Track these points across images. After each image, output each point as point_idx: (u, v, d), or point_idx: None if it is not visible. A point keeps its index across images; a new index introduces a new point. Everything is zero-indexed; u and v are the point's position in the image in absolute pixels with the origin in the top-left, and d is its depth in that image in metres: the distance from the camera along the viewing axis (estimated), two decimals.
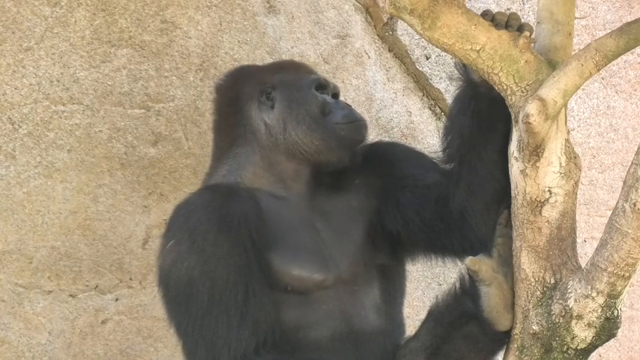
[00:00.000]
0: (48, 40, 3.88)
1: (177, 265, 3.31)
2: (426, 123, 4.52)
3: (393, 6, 3.10)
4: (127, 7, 3.97)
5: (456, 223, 3.40)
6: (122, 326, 3.98)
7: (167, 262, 3.35)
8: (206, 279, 3.27)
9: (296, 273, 3.36)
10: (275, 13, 4.19)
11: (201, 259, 3.28)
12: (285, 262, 3.35)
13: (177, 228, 3.36)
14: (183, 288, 3.30)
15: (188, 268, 3.29)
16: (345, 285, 3.41)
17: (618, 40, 3.08)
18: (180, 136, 4.04)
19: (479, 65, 3.16)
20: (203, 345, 3.27)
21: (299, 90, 3.47)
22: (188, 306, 3.30)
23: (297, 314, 3.34)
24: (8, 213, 3.85)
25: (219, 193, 3.39)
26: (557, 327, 3.19)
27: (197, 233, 3.30)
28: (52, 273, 3.90)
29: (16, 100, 3.85)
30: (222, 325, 3.25)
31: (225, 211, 3.32)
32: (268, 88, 3.48)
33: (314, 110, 3.46)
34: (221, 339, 3.25)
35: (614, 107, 4.75)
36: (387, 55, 4.46)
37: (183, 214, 3.37)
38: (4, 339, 3.86)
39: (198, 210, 3.34)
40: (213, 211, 3.32)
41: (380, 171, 3.52)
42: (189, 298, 3.29)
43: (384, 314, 3.45)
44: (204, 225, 3.30)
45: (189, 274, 3.29)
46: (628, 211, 3.04)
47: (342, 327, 3.37)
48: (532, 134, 3.12)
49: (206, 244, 3.29)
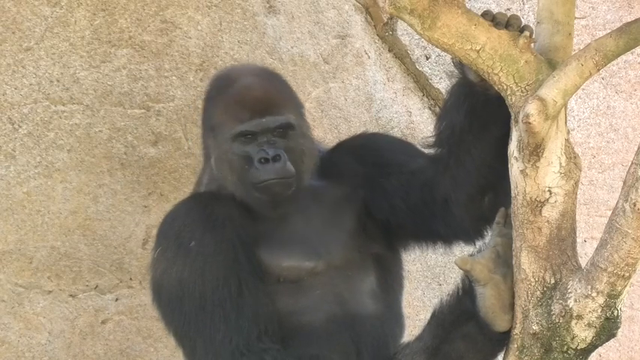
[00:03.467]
0: (48, 40, 3.88)
1: (168, 272, 3.34)
2: (426, 123, 4.52)
3: (393, 6, 3.10)
4: (127, 7, 3.97)
5: (440, 211, 3.42)
6: (122, 326, 3.98)
7: (158, 271, 3.39)
8: (196, 277, 3.30)
9: (286, 264, 3.39)
10: (275, 13, 4.19)
11: (189, 260, 3.31)
12: (275, 255, 3.38)
13: (163, 236, 3.41)
14: (175, 292, 3.33)
15: (177, 271, 3.32)
16: (338, 271, 3.43)
17: (618, 40, 3.08)
18: (180, 136, 4.04)
19: (479, 65, 3.16)
20: (202, 342, 3.28)
21: (223, 143, 3.43)
22: (182, 308, 3.32)
23: (292, 301, 3.37)
24: (8, 213, 3.85)
25: (201, 198, 3.45)
26: (557, 327, 3.19)
27: (182, 236, 3.34)
28: (52, 273, 3.90)
29: (16, 100, 3.85)
30: (220, 319, 3.27)
31: (210, 212, 3.36)
32: (212, 129, 3.48)
33: (234, 166, 3.42)
34: (220, 332, 3.26)
35: (614, 107, 4.75)
36: (387, 55, 4.46)
37: (168, 222, 3.42)
38: (4, 339, 3.86)
39: (182, 215, 3.39)
40: (196, 214, 3.36)
41: (365, 160, 3.52)
42: (182, 300, 3.31)
43: (381, 301, 3.47)
44: (189, 227, 3.35)
45: (179, 277, 3.32)
46: (628, 211, 3.03)
47: (336, 310, 3.39)
48: (532, 134, 3.12)
49: (192, 245, 3.32)
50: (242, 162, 3.40)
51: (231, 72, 3.61)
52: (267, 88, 3.48)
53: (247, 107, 3.41)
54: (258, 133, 3.40)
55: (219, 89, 3.51)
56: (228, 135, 3.41)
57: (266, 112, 3.41)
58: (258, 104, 3.42)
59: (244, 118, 3.40)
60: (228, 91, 3.47)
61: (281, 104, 3.45)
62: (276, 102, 3.44)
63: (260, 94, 3.44)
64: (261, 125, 3.39)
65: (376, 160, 3.52)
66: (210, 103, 3.52)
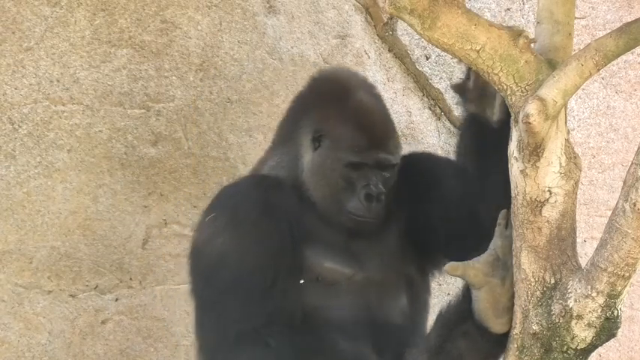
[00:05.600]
0: (48, 40, 3.88)
1: (212, 240, 3.36)
2: (426, 123, 4.52)
3: (393, 6, 3.10)
4: (127, 7, 3.97)
5: (472, 227, 3.42)
6: (122, 326, 3.99)
7: (202, 236, 3.40)
8: (237, 256, 3.31)
9: (327, 265, 3.40)
10: (275, 13, 4.19)
11: (236, 236, 3.33)
12: (319, 255, 3.40)
13: (220, 205, 3.42)
14: (212, 261, 3.34)
15: (222, 243, 3.33)
16: (373, 284, 3.45)
17: (618, 40, 3.08)
18: (180, 136, 4.04)
19: (479, 65, 3.16)
20: (215, 317, 3.30)
21: (329, 158, 3.45)
22: (212, 279, 3.33)
23: (322, 298, 3.39)
24: (8, 213, 3.85)
25: (266, 181, 3.46)
26: (557, 327, 3.19)
27: (238, 212, 3.36)
28: (52, 273, 3.90)
29: (16, 100, 3.86)
30: (242, 303, 3.28)
31: (270, 198, 3.38)
32: (318, 135, 3.47)
33: (333, 185, 3.45)
34: (236, 314, 3.28)
35: (614, 107, 4.75)
36: (387, 55, 4.46)
37: (228, 194, 3.45)
38: (4, 339, 3.86)
39: (244, 192, 3.41)
40: (258, 196, 3.38)
41: (412, 182, 3.54)
42: (216, 271, 3.32)
43: (409, 319, 3.50)
44: (247, 206, 3.36)
45: (222, 250, 3.33)
46: (628, 211, 3.03)
47: (364, 317, 3.41)
48: (532, 134, 3.12)
49: (245, 223, 3.33)
50: (344, 185, 3.44)
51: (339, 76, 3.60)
52: (384, 116, 3.51)
53: (366, 136, 3.44)
54: (371, 165, 3.44)
55: (333, 95, 3.50)
56: (339, 155, 3.43)
57: (383, 147, 3.45)
58: (376, 136, 3.45)
59: (361, 147, 3.43)
60: (344, 104, 3.47)
61: (395, 139, 3.49)
62: (391, 136, 3.48)
63: (379, 122, 3.47)
64: (377, 160, 3.44)
65: (424, 183, 3.53)
66: (320, 105, 3.50)
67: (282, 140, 3.58)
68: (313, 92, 3.56)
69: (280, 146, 3.57)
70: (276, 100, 4.18)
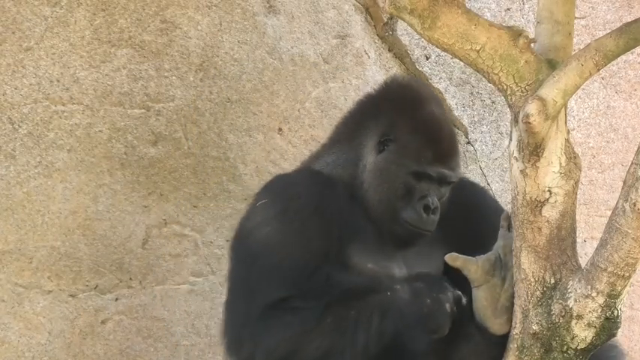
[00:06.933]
0: (48, 40, 3.88)
1: (260, 226, 3.36)
2: None
3: (393, 6, 3.10)
4: (127, 7, 3.97)
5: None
6: (122, 326, 3.99)
7: (251, 221, 3.40)
8: (281, 249, 3.31)
9: (370, 266, 3.41)
10: (275, 13, 4.19)
11: (285, 229, 3.33)
12: (363, 256, 3.41)
13: (273, 193, 3.42)
14: (256, 248, 3.34)
15: (269, 232, 3.34)
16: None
17: (618, 40, 3.08)
18: (180, 136, 4.04)
19: (479, 65, 3.16)
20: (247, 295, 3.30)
21: (394, 164, 3.46)
22: (251, 265, 3.33)
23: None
24: (8, 213, 3.85)
25: (322, 179, 3.47)
26: (557, 327, 3.19)
27: (290, 205, 3.36)
28: (52, 273, 3.90)
29: (16, 100, 3.86)
30: (276, 286, 3.28)
31: (323, 198, 3.38)
32: (385, 139, 3.48)
33: (393, 191, 3.45)
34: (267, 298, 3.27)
35: (613, 107, 4.75)
36: (387, 55, 4.46)
37: (284, 184, 3.45)
38: (4, 339, 3.86)
39: (300, 186, 3.41)
40: (313, 192, 3.38)
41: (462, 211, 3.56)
42: (257, 259, 3.32)
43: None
44: (300, 200, 3.36)
45: (268, 239, 3.33)
46: (628, 211, 3.04)
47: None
48: (532, 134, 3.12)
49: (296, 218, 3.34)
50: (404, 193, 3.44)
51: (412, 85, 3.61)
52: (451, 132, 3.55)
53: (433, 149, 3.45)
54: (433, 178, 3.45)
55: (406, 103, 3.51)
56: (405, 162, 3.44)
57: (447, 163, 3.47)
58: (443, 151, 3.47)
59: (427, 159, 3.44)
60: (416, 113, 3.49)
61: (458, 158, 3.52)
62: (455, 153, 3.52)
63: (447, 138, 3.49)
64: (440, 174, 3.45)
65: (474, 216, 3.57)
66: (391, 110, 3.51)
67: (341, 139, 3.58)
68: (384, 97, 3.56)
69: (338, 144, 3.57)
70: (276, 100, 4.18)
